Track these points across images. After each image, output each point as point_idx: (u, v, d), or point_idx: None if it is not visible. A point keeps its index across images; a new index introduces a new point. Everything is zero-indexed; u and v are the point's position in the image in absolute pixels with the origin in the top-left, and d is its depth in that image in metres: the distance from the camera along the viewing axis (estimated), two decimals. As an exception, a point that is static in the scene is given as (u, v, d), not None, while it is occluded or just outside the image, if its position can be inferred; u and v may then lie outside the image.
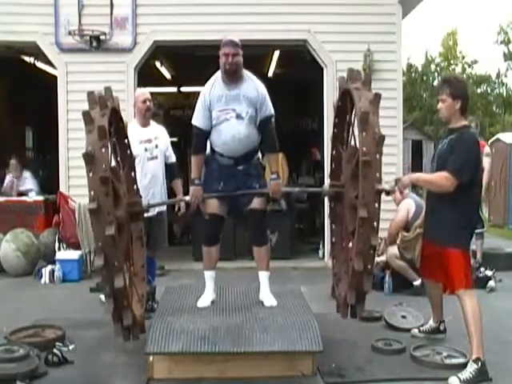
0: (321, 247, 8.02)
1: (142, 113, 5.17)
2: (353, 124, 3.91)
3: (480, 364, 3.67)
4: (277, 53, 9.87)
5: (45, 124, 10.16)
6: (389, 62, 7.64)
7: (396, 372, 3.88)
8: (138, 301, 4.02)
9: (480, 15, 50.78)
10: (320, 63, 7.86)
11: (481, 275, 6.32)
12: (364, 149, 3.48)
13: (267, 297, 4.26)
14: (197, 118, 4.18)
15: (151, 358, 3.78)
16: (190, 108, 4.50)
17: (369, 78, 3.96)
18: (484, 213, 7.77)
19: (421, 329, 4.60)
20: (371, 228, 3.49)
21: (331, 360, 3.98)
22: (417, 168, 17.65)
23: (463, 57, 32.33)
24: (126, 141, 4.30)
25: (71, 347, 4.30)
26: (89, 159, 3.47)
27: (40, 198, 8.10)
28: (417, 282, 5.79)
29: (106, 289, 3.56)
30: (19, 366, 3.70)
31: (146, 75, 8.16)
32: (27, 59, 9.71)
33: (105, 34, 7.52)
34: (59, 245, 7.22)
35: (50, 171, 9.15)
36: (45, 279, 6.75)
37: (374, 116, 3.56)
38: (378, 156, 3.50)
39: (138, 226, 4.28)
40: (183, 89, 12.69)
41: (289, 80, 10.97)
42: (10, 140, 10.82)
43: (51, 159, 9.56)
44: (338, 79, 4.16)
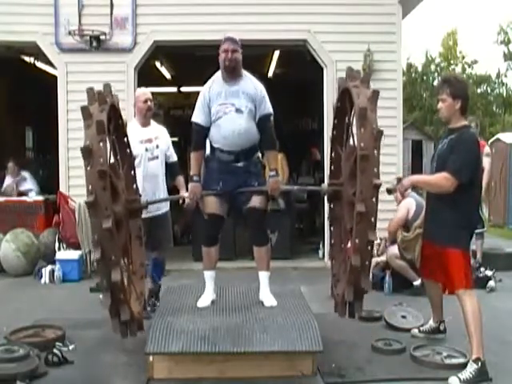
0: (321, 247, 8.02)
1: (143, 113, 5.15)
2: (352, 124, 3.91)
3: (480, 364, 3.67)
4: (277, 53, 9.87)
5: (45, 124, 10.16)
6: (389, 62, 7.65)
7: (396, 372, 3.88)
8: (137, 298, 4.01)
9: (480, 15, 50.80)
10: (320, 63, 7.86)
11: (481, 275, 6.32)
12: (362, 144, 3.48)
13: (267, 297, 4.26)
14: (196, 115, 4.20)
15: (151, 358, 3.78)
16: (190, 108, 4.51)
17: (367, 76, 3.97)
18: (484, 213, 7.75)
19: (421, 329, 4.60)
20: (369, 223, 3.49)
21: (331, 360, 3.98)
22: (417, 168, 17.62)
23: (463, 57, 32.29)
24: (126, 140, 4.29)
25: (71, 347, 4.30)
26: (87, 153, 3.47)
27: (40, 198, 8.12)
28: (417, 282, 5.79)
29: (103, 283, 3.57)
30: (19, 366, 3.70)
31: (146, 75, 8.16)
32: (27, 59, 9.70)
33: (105, 34, 7.53)
34: (59, 245, 7.22)
35: (50, 171, 9.17)
36: (45, 279, 6.75)
37: (372, 112, 3.57)
38: (376, 152, 3.50)
39: (137, 225, 4.28)
40: (183, 89, 12.70)
41: (289, 80, 10.97)
42: (10, 140, 10.82)
43: (51, 159, 9.56)
44: (338, 80, 4.16)
